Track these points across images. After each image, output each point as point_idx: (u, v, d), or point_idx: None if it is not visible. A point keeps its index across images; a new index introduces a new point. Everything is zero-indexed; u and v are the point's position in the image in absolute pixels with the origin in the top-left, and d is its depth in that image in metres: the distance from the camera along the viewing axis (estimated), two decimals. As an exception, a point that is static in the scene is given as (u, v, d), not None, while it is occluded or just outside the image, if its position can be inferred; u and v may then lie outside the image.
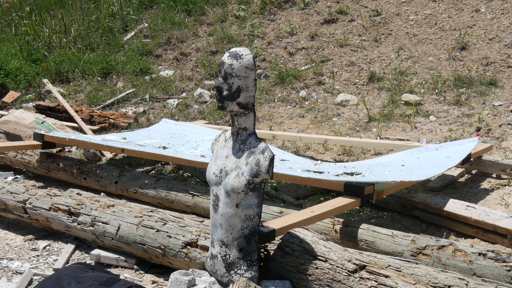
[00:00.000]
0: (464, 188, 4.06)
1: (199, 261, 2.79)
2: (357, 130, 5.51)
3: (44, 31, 8.65)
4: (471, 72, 6.14)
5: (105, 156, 5.23)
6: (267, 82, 6.79)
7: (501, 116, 5.31)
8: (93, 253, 3.21)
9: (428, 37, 6.96)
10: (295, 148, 5.16)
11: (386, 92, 6.17)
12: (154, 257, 3.02)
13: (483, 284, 2.28)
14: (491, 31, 6.73)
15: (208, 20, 8.27)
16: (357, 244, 3.05)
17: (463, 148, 3.99)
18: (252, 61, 2.40)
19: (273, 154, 2.40)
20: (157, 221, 3.03)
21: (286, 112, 6.15)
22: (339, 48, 7.13)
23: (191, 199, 3.80)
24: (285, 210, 3.36)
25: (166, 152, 4.26)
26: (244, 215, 2.43)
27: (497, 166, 4.14)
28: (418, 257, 2.79)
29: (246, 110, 2.44)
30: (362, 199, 3.25)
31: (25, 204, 3.57)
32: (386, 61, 6.74)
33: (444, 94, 5.92)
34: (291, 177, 3.64)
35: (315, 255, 2.44)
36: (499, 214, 3.29)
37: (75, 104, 6.90)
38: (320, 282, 2.37)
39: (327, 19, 7.69)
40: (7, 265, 3.20)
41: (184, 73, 7.27)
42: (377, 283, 2.26)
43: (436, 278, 2.33)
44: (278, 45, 7.43)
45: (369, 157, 4.78)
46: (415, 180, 3.48)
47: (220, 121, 6.10)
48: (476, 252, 2.67)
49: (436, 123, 5.40)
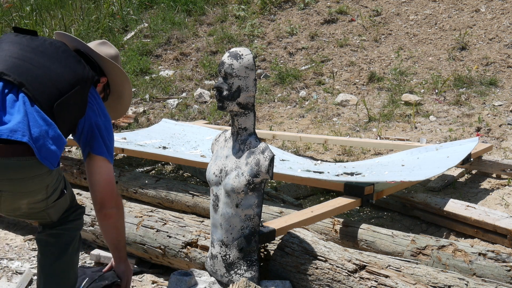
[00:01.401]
0: (464, 188, 4.06)
1: (199, 261, 2.79)
2: (357, 130, 5.51)
3: (44, 31, 8.65)
4: (471, 72, 6.14)
5: (105, 156, 5.23)
6: (267, 82, 6.79)
7: (501, 116, 5.31)
8: (93, 253, 3.21)
9: (428, 37, 6.96)
10: (295, 148, 5.16)
11: (386, 92, 6.17)
12: (154, 257, 3.02)
13: (483, 284, 2.28)
14: (491, 31, 6.74)
15: (208, 20, 8.27)
16: (357, 244, 3.05)
17: (463, 148, 3.99)
18: (252, 61, 2.40)
19: (273, 154, 2.40)
20: (157, 221, 3.03)
21: (286, 112, 6.15)
22: (339, 48, 7.13)
23: (191, 199, 3.80)
24: (285, 210, 3.36)
25: (166, 152, 4.26)
26: (244, 215, 2.43)
27: (497, 166, 4.14)
28: (418, 257, 2.79)
29: (246, 110, 2.44)
30: (362, 199, 3.25)
31: (25, 204, 3.56)
32: (386, 61, 6.74)
33: (444, 94, 5.92)
34: (291, 177, 3.64)
35: (315, 255, 2.44)
36: (499, 214, 3.29)
37: (75, 104, 6.90)
38: (320, 282, 2.37)
39: (327, 19, 7.69)
40: (7, 265, 3.20)
41: (184, 73, 7.27)
42: (377, 283, 2.26)
43: (436, 278, 2.33)
44: (278, 45, 7.43)
45: (369, 157, 4.78)
46: (415, 180, 3.48)
47: (220, 121, 6.10)
48: (476, 252, 2.67)
49: (436, 123, 5.40)
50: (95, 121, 2.33)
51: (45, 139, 2.07)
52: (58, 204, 2.25)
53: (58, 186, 2.23)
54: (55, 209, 2.26)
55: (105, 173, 2.35)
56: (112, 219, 2.43)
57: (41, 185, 2.13)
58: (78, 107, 2.28)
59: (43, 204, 2.19)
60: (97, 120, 2.33)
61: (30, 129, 2.04)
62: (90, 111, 2.32)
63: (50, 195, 2.19)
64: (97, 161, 2.34)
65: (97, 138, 2.33)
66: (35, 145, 2.03)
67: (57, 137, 2.12)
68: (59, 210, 2.28)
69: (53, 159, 2.09)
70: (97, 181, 2.36)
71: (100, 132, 2.34)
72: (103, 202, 2.38)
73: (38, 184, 2.12)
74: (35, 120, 2.07)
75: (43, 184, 2.14)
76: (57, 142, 2.12)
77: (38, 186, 2.13)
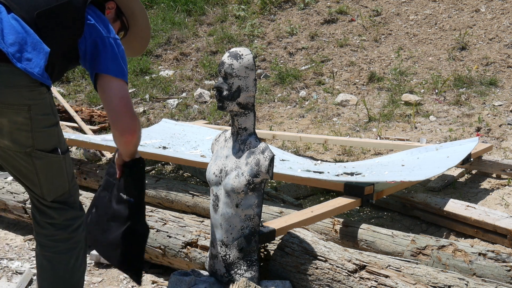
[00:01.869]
0: (464, 188, 4.06)
1: (199, 261, 2.79)
2: (357, 130, 5.51)
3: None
4: (471, 72, 6.14)
5: (105, 156, 5.23)
6: (267, 82, 6.79)
7: (501, 116, 5.31)
8: (93, 253, 3.21)
9: (428, 37, 6.96)
10: (295, 148, 5.16)
11: (386, 92, 6.17)
12: (154, 257, 3.02)
13: (483, 284, 2.28)
14: (491, 31, 6.73)
15: (208, 20, 8.27)
16: (357, 244, 3.05)
17: (463, 148, 3.99)
18: (252, 61, 2.40)
19: (273, 154, 2.40)
20: (157, 221, 3.03)
21: (286, 112, 6.15)
22: (339, 48, 7.13)
23: (191, 199, 3.80)
24: (285, 210, 3.36)
25: (166, 152, 4.26)
26: (244, 215, 2.43)
27: (497, 166, 4.14)
28: (418, 257, 2.79)
29: (246, 110, 2.44)
30: (362, 199, 3.25)
31: (25, 204, 3.56)
32: (386, 61, 6.74)
33: (444, 94, 5.92)
34: (291, 177, 3.64)
35: (315, 255, 2.44)
36: (499, 214, 3.29)
37: (75, 104, 6.90)
38: (320, 282, 2.37)
39: (327, 19, 7.69)
40: (7, 265, 3.20)
41: (184, 73, 7.27)
42: (377, 283, 2.26)
43: (436, 278, 2.33)
44: (278, 45, 7.43)
45: (369, 157, 4.78)
46: (415, 180, 3.48)
47: (220, 121, 6.10)
48: (476, 252, 2.67)
49: (436, 123, 5.40)
50: (99, 37, 2.09)
51: (22, 46, 1.92)
52: (48, 133, 2.06)
53: (48, 114, 2.05)
54: (44, 139, 2.06)
55: (116, 89, 2.08)
56: (133, 139, 2.17)
57: (20, 101, 1.95)
58: (72, 23, 2.07)
59: (27, 126, 2.00)
60: (99, 36, 2.10)
61: (4, 36, 1.90)
62: (89, 28, 2.09)
63: (35, 118, 2.00)
64: (106, 81, 2.08)
65: (102, 54, 2.08)
66: (10, 51, 1.89)
67: (36, 43, 1.95)
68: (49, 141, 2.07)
69: (32, 66, 1.93)
70: (109, 99, 2.09)
71: (105, 48, 2.09)
72: (122, 122, 2.10)
73: (17, 98, 1.95)
74: (12, 27, 1.93)
75: (23, 101, 1.96)
76: (36, 49, 1.94)
77: (17, 101, 1.95)
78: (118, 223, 2.33)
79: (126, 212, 2.31)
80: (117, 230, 2.32)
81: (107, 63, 2.08)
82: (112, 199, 2.37)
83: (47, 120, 2.05)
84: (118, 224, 2.33)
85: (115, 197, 2.36)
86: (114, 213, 2.35)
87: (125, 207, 2.32)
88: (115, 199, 2.36)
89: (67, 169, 2.19)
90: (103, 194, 2.45)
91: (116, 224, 2.33)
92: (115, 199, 2.36)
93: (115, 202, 2.35)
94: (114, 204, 2.35)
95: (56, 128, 2.12)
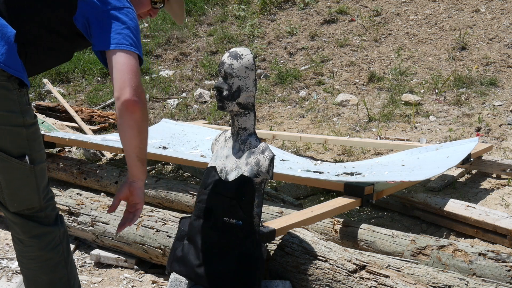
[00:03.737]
0: (464, 188, 4.06)
1: (199, 261, 2.79)
2: (357, 130, 5.51)
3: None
4: (471, 72, 6.14)
5: (105, 156, 5.23)
6: (267, 82, 6.79)
7: (501, 116, 5.31)
8: (93, 253, 3.21)
9: (428, 37, 6.96)
10: (295, 148, 5.16)
11: (386, 92, 6.17)
12: (154, 257, 3.02)
13: (483, 284, 2.28)
14: (491, 31, 6.74)
15: (208, 20, 8.27)
16: (357, 244, 3.05)
17: (463, 148, 3.99)
18: (252, 61, 2.40)
19: (273, 154, 2.40)
20: (157, 221, 3.03)
21: (286, 112, 6.15)
22: (339, 48, 7.13)
23: (191, 199, 3.80)
24: (285, 210, 3.36)
25: (166, 152, 4.26)
26: (244, 215, 2.43)
27: (497, 166, 4.14)
28: (418, 257, 2.79)
29: (246, 110, 2.44)
30: (362, 199, 3.25)
31: (25, 204, 3.56)
32: (386, 61, 6.74)
33: (444, 94, 5.92)
34: (291, 177, 3.64)
35: (315, 255, 2.44)
36: (499, 214, 3.29)
37: (75, 104, 6.90)
38: (320, 282, 2.37)
39: (327, 19, 7.69)
40: (7, 265, 3.20)
41: (184, 73, 7.27)
42: (377, 283, 2.26)
43: (436, 278, 2.33)
44: (278, 45, 7.43)
45: (369, 157, 4.78)
46: (415, 180, 3.48)
47: (220, 121, 6.10)
48: (476, 252, 2.67)
49: (436, 123, 5.40)
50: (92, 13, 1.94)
51: None
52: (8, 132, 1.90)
53: (14, 112, 1.89)
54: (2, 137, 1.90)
55: (124, 61, 1.91)
56: (135, 115, 1.93)
57: None
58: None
59: None
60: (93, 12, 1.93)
61: None
62: (84, 4, 1.93)
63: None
64: (113, 56, 1.91)
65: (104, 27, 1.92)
66: None
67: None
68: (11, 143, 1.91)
69: None
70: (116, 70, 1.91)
71: (100, 22, 1.93)
72: (122, 88, 1.90)
73: None
74: None
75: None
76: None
77: None
78: (227, 250, 2.28)
79: (235, 237, 2.26)
80: (227, 258, 2.26)
81: (112, 36, 1.91)
82: (213, 226, 2.32)
83: (9, 117, 1.88)
84: (226, 251, 2.28)
85: (218, 223, 2.31)
86: (220, 241, 2.30)
87: (232, 231, 2.28)
88: (217, 225, 2.31)
89: (38, 182, 1.98)
90: (197, 222, 2.41)
91: (224, 252, 2.28)
92: (217, 225, 2.31)
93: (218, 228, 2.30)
94: (217, 231, 2.31)
95: (22, 130, 1.92)
